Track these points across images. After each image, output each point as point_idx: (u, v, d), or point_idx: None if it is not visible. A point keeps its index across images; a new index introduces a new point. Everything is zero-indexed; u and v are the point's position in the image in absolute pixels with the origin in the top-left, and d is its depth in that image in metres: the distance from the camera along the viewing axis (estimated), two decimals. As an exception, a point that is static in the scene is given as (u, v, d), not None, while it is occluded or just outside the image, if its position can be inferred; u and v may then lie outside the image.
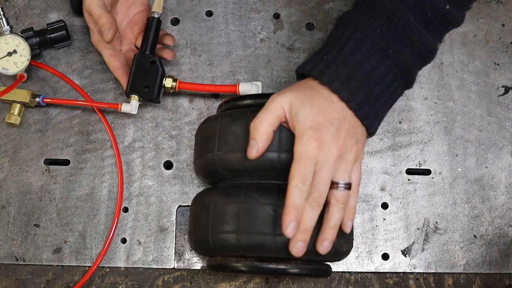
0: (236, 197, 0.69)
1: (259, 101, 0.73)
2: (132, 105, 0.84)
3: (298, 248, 0.65)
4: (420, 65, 0.72)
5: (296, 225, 0.64)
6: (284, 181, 0.67)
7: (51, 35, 0.87)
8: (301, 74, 0.71)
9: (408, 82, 0.72)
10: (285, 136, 0.69)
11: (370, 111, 0.68)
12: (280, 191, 0.68)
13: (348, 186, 0.67)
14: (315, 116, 0.65)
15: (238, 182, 0.73)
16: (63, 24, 0.87)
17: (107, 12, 0.80)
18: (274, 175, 0.71)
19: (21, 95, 0.86)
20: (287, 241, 0.66)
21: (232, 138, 0.70)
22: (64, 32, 0.87)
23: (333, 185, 0.67)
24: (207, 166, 0.73)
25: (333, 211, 0.67)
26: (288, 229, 0.64)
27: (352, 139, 0.67)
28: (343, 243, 0.72)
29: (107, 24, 0.79)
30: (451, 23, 0.73)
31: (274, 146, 0.69)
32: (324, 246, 0.67)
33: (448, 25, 0.72)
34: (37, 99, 0.86)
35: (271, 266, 0.69)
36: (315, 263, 0.72)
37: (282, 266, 0.69)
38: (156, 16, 0.84)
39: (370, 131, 0.70)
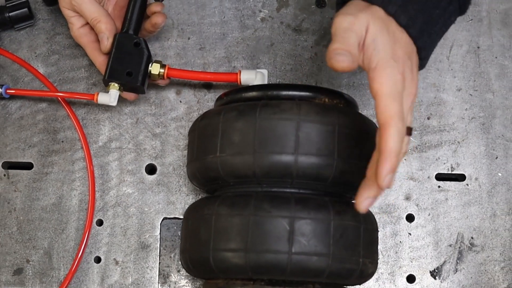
0: (243, 209, 0.66)
1: (270, 93, 0.70)
2: (111, 95, 0.80)
3: (388, 180, 0.60)
4: None
5: (393, 176, 0.60)
6: (300, 190, 0.65)
7: (10, 14, 0.84)
8: (342, 2, 0.68)
9: (463, 7, 0.69)
10: (304, 135, 0.66)
11: (427, 40, 0.66)
12: (297, 202, 0.66)
13: (409, 132, 0.65)
14: (393, 45, 0.62)
15: (245, 190, 0.70)
16: (25, 0, 0.84)
17: (103, 12, 0.77)
18: (288, 182, 0.68)
19: (-20, 85, 0.84)
20: (305, 260, 0.64)
21: (238, 138, 0.67)
22: (26, 10, 0.84)
23: None
24: (207, 171, 0.70)
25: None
26: (385, 181, 0.59)
27: (418, 76, 0.65)
28: (369, 264, 0.69)
29: (106, 31, 0.77)
30: None
31: (290, 147, 0.66)
32: (387, 180, 0.60)
33: None
34: (-1, 90, 0.85)
35: None
36: (335, 287, 0.70)
37: None
38: None
39: (422, 64, 0.67)
